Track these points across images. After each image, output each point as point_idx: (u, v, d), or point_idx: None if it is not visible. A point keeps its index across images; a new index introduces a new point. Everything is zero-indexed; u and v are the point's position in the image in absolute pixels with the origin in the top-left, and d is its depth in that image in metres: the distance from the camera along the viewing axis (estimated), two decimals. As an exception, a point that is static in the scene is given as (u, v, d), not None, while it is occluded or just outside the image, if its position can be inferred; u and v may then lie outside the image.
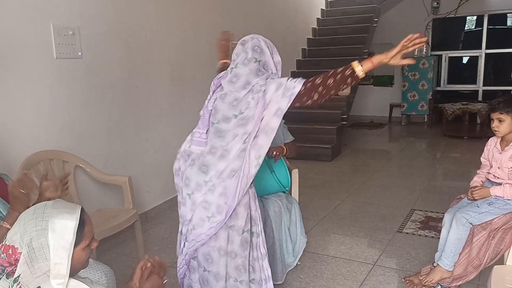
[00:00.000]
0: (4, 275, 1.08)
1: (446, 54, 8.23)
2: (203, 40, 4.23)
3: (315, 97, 1.70)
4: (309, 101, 1.71)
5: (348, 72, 1.67)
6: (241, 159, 1.75)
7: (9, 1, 2.45)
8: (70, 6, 2.82)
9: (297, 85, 1.70)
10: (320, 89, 1.69)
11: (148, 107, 3.59)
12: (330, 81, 1.68)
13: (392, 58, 1.66)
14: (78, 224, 1.11)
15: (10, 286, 1.06)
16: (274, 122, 1.75)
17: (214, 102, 1.85)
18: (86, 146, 2.97)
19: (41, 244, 1.07)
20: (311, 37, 7.28)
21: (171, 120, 3.88)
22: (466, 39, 8.75)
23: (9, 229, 1.19)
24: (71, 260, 1.09)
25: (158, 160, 3.72)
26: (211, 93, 1.92)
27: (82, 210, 1.16)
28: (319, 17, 7.68)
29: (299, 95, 1.70)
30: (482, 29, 7.87)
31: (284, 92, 1.71)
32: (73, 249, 1.10)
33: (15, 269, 1.07)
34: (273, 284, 2.38)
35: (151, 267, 1.41)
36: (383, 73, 8.66)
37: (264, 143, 1.77)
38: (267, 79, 1.78)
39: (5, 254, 1.09)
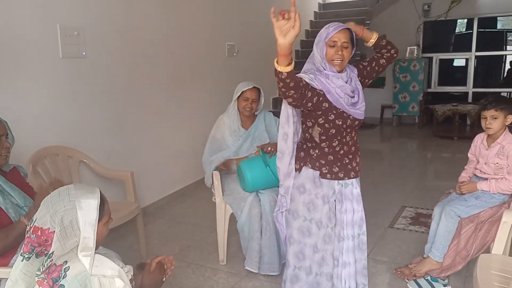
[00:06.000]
0: (34, 255, 1.18)
1: (437, 57, 8.39)
2: (201, 42, 4.32)
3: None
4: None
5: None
6: None
7: (20, 2, 2.54)
8: (75, 8, 2.91)
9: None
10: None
11: (148, 105, 3.67)
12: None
13: (283, 36, 1.61)
14: (100, 203, 1.23)
15: (44, 262, 1.15)
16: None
17: None
18: (90, 143, 3.05)
19: (70, 222, 1.18)
20: (304, 38, 7.41)
21: (169, 118, 3.96)
22: (456, 42, 8.92)
23: (27, 225, 1.29)
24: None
25: (157, 157, 3.81)
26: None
27: (100, 191, 1.28)
28: (312, 19, 7.81)
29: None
30: (472, 32, 8.00)
31: None
32: (97, 225, 1.22)
33: (44, 249, 1.17)
34: (271, 275, 2.51)
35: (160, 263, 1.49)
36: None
37: None
38: None
39: (34, 235, 1.18)
